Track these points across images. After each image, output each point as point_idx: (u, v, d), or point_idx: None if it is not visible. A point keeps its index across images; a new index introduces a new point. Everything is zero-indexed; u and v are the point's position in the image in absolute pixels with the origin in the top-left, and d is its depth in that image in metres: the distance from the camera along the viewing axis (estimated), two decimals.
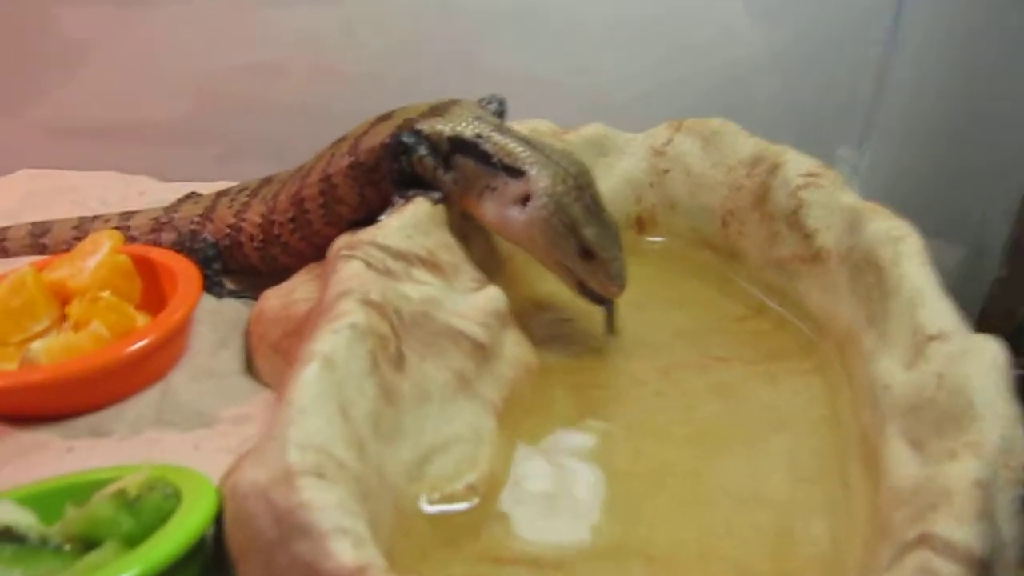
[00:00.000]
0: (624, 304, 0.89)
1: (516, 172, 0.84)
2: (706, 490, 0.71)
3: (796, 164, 0.94)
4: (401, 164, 0.86)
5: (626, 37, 1.38)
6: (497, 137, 0.86)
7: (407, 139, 0.85)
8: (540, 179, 0.82)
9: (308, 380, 0.57)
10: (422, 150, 0.85)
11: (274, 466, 0.52)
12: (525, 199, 0.83)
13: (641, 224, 1.09)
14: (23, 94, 1.46)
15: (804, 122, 1.36)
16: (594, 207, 0.84)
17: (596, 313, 0.89)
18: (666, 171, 1.07)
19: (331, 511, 0.50)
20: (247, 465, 0.55)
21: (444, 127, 0.86)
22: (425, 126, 0.86)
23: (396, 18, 1.39)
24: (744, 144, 1.01)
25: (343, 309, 0.66)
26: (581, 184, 0.83)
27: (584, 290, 0.86)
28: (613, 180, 1.07)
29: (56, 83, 1.45)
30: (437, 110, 0.89)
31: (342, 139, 0.94)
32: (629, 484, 0.71)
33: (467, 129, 0.86)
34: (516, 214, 0.84)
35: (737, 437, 0.77)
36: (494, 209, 0.85)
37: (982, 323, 1.08)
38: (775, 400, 0.82)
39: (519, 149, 0.85)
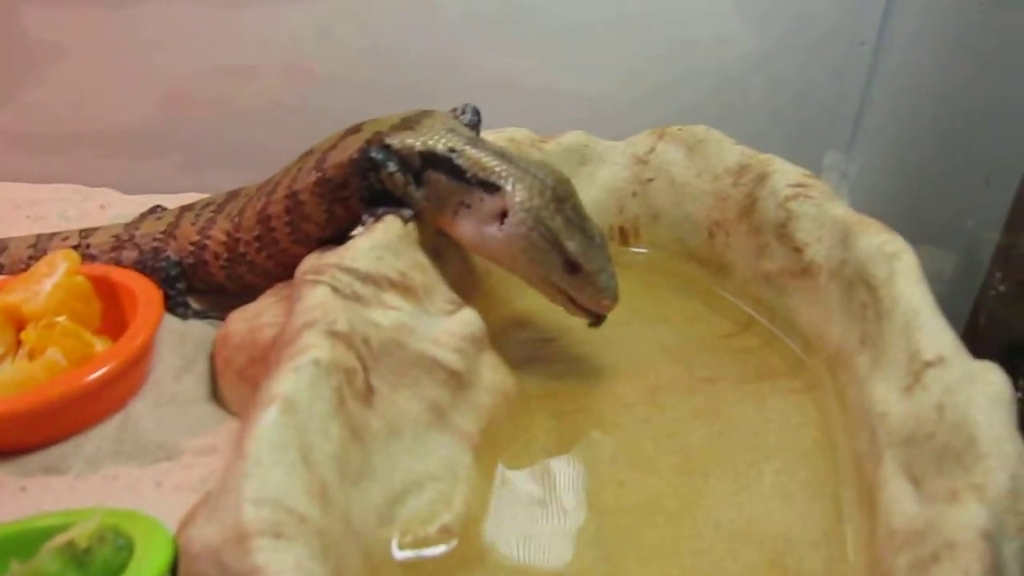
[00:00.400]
0: (609, 322, 0.85)
1: (491, 187, 0.80)
2: (695, 526, 0.67)
3: (784, 174, 0.90)
4: (370, 181, 0.81)
5: (610, 40, 1.34)
6: (471, 151, 0.82)
7: (376, 155, 0.81)
8: (516, 193, 0.78)
9: (266, 427, 0.53)
10: (392, 166, 0.81)
11: (227, 525, 0.48)
12: (502, 215, 0.79)
13: (624, 235, 1.05)
14: None
15: (792, 126, 1.34)
16: (576, 218, 0.80)
17: (578, 330, 0.86)
18: (649, 180, 1.03)
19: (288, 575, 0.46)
20: (200, 520, 0.51)
21: (415, 141, 0.82)
22: (395, 140, 0.82)
23: (373, 18, 1.34)
24: (730, 152, 0.98)
25: (306, 343, 0.61)
26: (560, 195, 0.79)
27: (575, 306, 0.81)
28: (594, 190, 1.03)
29: (16, 89, 1.40)
30: (408, 123, 0.84)
31: (309, 152, 0.89)
32: (615, 520, 0.68)
33: (439, 143, 0.82)
34: (494, 231, 0.80)
35: (726, 466, 0.74)
36: (471, 227, 0.81)
37: (971, 332, 1.06)
38: (765, 424, 0.78)
39: (494, 163, 0.81)
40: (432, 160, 0.82)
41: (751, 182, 0.94)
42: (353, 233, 0.85)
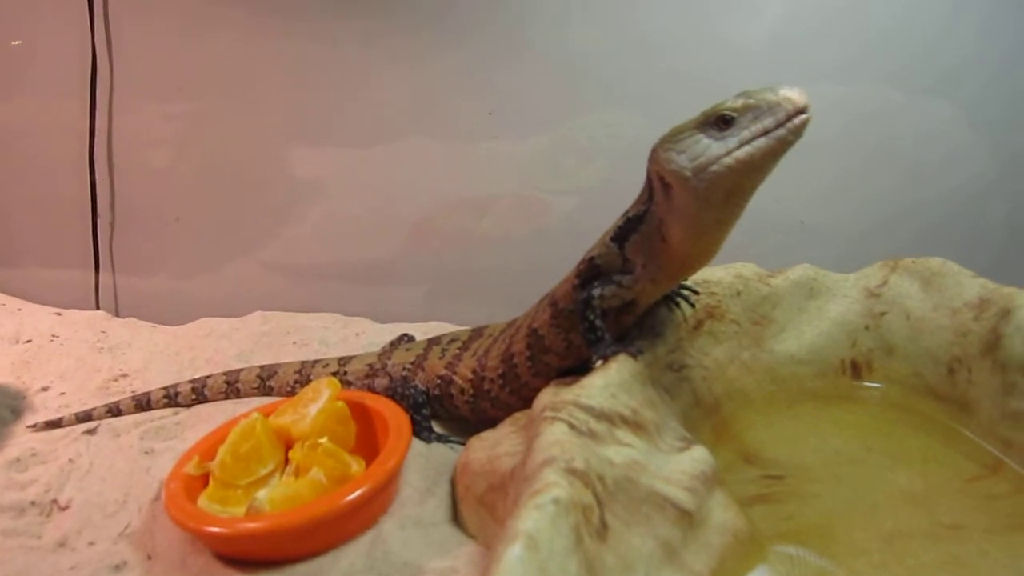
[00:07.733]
0: (841, 459, 0.84)
1: (648, 191, 0.84)
2: None
3: None
4: (589, 318, 0.86)
5: (831, 168, 1.34)
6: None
7: (584, 293, 0.87)
8: (655, 159, 0.81)
9: (511, 563, 0.57)
10: (596, 291, 0.86)
11: None
12: (668, 188, 0.81)
13: (856, 369, 1.03)
14: (257, 237, 1.59)
15: None
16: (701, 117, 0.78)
17: (810, 469, 0.84)
18: (882, 314, 1.01)
19: None
20: None
21: (605, 236, 0.88)
22: (595, 251, 0.89)
23: (602, 152, 1.41)
24: (969, 286, 0.95)
25: (547, 481, 0.65)
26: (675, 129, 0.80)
27: (773, 133, 0.75)
28: (825, 323, 1.03)
29: (282, 225, 1.57)
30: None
31: (546, 296, 0.96)
32: None
33: (618, 219, 0.88)
34: (678, 198, 0.80)
35: None
36: (676, 223, 0.82)
37: None
38: None
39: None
40: (620, 235, 0.87)
41: (994, 317, 0.90)
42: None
